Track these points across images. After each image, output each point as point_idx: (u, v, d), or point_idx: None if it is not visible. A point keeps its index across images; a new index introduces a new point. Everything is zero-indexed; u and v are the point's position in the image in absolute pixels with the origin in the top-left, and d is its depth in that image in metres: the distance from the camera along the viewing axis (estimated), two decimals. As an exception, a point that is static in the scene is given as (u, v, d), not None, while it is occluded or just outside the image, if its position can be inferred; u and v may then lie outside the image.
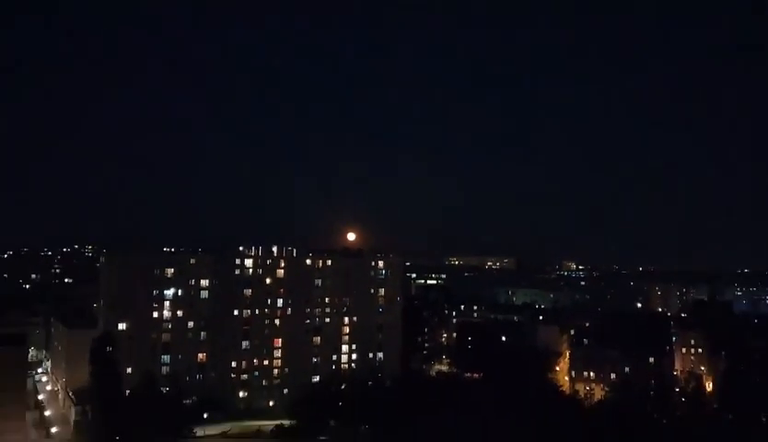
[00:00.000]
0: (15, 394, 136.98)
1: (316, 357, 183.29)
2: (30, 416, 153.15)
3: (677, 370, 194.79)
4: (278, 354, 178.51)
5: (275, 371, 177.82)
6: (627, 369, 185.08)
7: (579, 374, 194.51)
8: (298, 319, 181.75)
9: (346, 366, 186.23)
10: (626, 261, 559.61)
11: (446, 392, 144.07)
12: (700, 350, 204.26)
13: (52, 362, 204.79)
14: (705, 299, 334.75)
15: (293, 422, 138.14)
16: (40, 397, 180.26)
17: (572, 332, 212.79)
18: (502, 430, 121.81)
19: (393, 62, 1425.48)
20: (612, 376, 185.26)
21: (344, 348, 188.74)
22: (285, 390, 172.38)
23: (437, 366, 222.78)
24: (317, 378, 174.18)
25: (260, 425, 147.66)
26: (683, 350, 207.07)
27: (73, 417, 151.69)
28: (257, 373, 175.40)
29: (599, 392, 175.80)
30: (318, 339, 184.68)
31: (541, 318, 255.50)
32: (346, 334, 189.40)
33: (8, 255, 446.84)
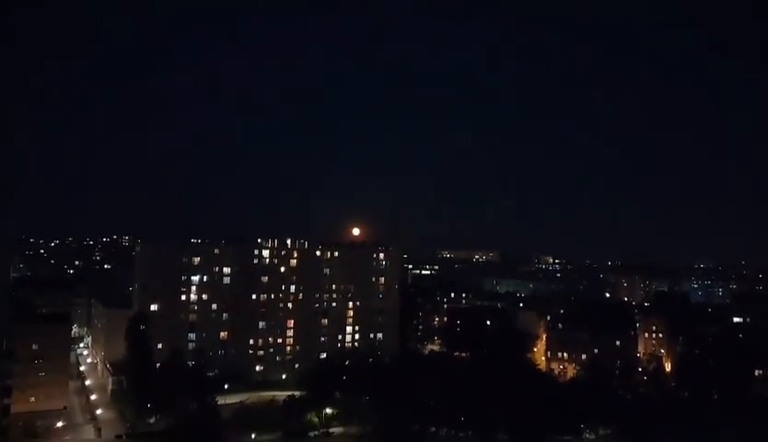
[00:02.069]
0: (59, 365, 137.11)
1: (324, 337, 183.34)
2: (73, 385, 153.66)
3: (640, 352, 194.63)
4: (290, 333, 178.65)
5: (288, 348, 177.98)
6: (596, 351, 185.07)
7: (554, 354, 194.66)
8: (309, 303, 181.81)
9: (350, 344, 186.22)
10: (597, 256, 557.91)
11: (437, 369, 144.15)
12: (660, 335, 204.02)
13: (92, 338, 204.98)
14: (666, 290, 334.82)
15: (303, 393, 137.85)
16: (82, 368, 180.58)
17: (548, 318, 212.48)
18: (485, 401, 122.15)
19: (383, 77, 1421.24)
20: (583, 356, 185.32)
21: (349, 329, 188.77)
22: (297, 365, 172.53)
23: (430, 346, 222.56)
24: (324, 355, 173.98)
25: (274, 396, 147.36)
26: (645, 335, 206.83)
27: (110, 386, 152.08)
28: (272, 350, 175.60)
29: (571, 371, 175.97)
30: (325, 320, 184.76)
31: (521, 305, 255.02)
32: (350, 317, 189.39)
33: (55, 244, 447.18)
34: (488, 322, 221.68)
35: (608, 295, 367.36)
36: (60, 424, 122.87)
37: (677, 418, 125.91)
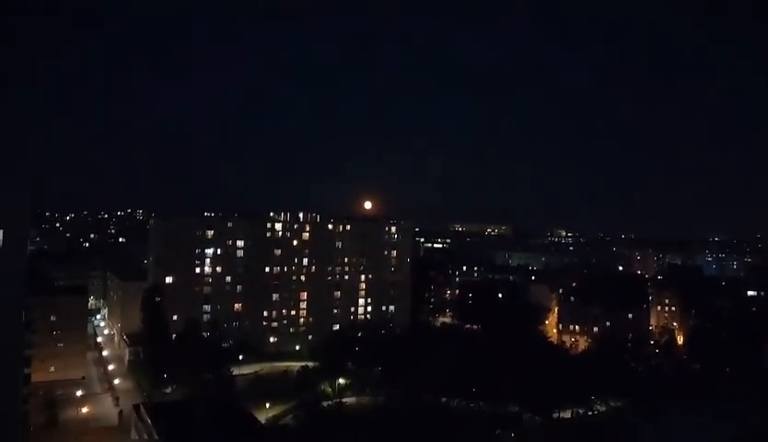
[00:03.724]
0: (77, 336, 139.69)
1: (336, 309, 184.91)
2: (90, 355, 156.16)
3: (652, 325, 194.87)
4: (303, 305, 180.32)
5: (301, 320, 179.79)
6: (608, 324, 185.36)
7: (566, 327, 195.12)
8: (321, 276, 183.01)
9: (362, 316, 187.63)
10: (610, 230, 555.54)
11: (449, 341, 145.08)
12: (673, 308, 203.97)
13: (108, 310, 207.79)
14: (679, 264, 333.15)
15: (316, 363, 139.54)
16: (99, 339, 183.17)
17: (560, 291, 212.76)
18: (497, 373, 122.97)
19: (388, 54, 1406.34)
20: (595, 329, 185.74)
21: (361, 301, 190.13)
22: (310, 337, 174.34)
23: (442, 319, 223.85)
24: (337, 327, 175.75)
25: (287, 366, 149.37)
26: (658, 308, 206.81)
27: (127, 357, 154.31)
28: (285, 321, 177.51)
29: (582, 343, 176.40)
30: (338, 293, 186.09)
31: (533, 278, 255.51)
32: (363, 290, 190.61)
33: (70, 217, 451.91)
34: (500, 295, 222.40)
35: (621, 268, 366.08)
36: (79, 393, 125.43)
37: (688, 391, 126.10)
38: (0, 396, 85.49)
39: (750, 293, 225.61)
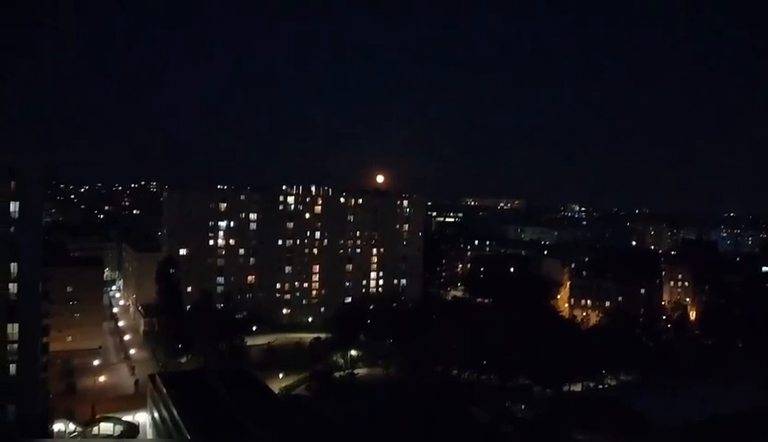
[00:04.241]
0: (93, 307, 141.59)
1: (348, 282, 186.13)
2: (107, 326, 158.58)
3: (664, 301, 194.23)
4: (316, 278, 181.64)
5: (314, 292, 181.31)
6: (620, 299, 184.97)
7: (577, 302, 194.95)
8: (333, 249, 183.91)
9: (374, 290, 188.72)
10: (624, 204, 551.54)
11: (460, 314, 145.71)
12: (686, 284, 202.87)
13: (123, 281, 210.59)
14: (694, 239, 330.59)
15: (328, 335, 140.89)
16: (114, 310, 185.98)
17: (572, 266, 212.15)
18: (507, 346, 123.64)
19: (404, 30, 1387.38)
20: (607, 304, 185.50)
21: (373, 275, 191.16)
22: (322, 309, 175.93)
23: (453, 292, 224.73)
24: (349, 299, 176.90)
25: (300, 338, 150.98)
26: (671, 283, 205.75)
27: (142, 327, 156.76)
28: (298, 294, 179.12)
29: (594, 318, 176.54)
30: (350, 266, 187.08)
31: (545, 252, 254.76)
32: (374, 263, 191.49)
33: (85, 189, 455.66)
34: (511, 270, 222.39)
35: (634, 243, 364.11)
36: (96, 362, 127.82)
37: (700, 366, 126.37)
38: (20, 364, 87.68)
39: (765, 269, 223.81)
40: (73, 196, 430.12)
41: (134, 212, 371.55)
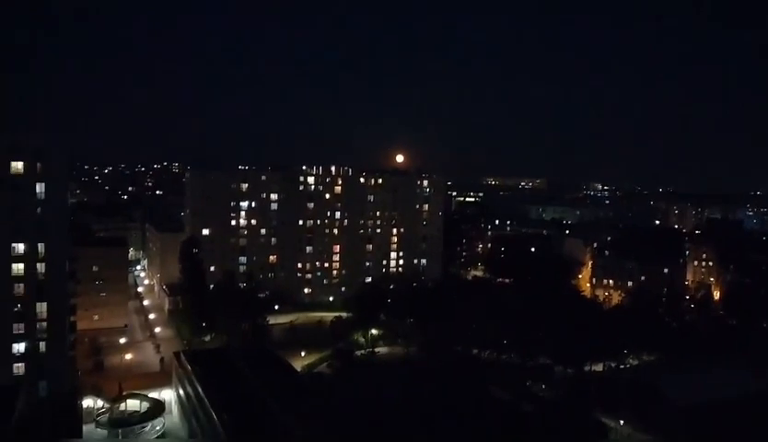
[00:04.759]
0: (118, 286, 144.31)
1: (369, 262, 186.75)
2: (132, 305, 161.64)
3: (688, 281, 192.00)
4: (336, 258, 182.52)
5: (334, 272, 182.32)
6: (643, 278, 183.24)
7: (599, 281, 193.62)
8: (354, 229, 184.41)
9: (394, 269, 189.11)
10: (647, 183, 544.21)
11: (480, 293, 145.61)
12: (710, 263, 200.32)
13: (147, 260, 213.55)
14: (719, 218, 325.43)
15: (349, 314, 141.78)
16: (139, 289, 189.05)
17: (594, 245, 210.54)
18: (528, 325, 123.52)
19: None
20: (629, 283, 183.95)
21: (393, 255, 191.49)
22: (343, 288, 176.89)
23: (473, 272, 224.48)
24: (369, 279, 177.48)
25: (321, 316, 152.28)
26: (695, 263, 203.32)
27: (166, 306, 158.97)
28: (319, 273, 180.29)
29: (616, 298, 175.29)
30: (370, 246, 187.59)
31: (567, 232, 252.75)
32: (394, 243, 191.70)
33: (109, 171, 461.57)
34: (532, 249, 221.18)
35: (657, 222, 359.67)
36: (122, 340, 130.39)
37: (723, 346, 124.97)
38: (50, 342, 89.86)
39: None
40: (97, 177, 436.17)
41: (157, 192, 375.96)
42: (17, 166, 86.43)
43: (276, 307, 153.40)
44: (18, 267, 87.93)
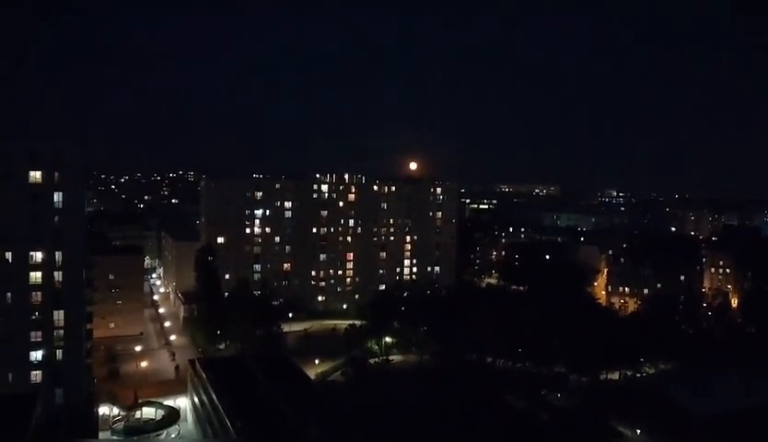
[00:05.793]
0: (134, 294, 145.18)
1: (382, 269, 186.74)
2: (147, 312, 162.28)
3: (705, 288, 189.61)
4: (350, 265, 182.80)
5: (348, 280, 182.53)
6: (659, 285, 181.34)
7: (615, 289, 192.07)
8: (367, 237, 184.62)
9: (408, 277, 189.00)
10: (663, 189, 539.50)
11: (494, 301, 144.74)
12: (727, 270, 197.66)
13: (163, 268, 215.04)
14: (736, 224, 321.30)
15: (363, 322, 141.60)
16: (155, 297, 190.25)
17: (610, 252, 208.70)
18: (543, 334, 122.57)
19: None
20: (645, 291, 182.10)
21: (406, 262, 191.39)
22: (356, 296, 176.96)
23: (487, 280, 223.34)
24: (383, 287, 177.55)
25: (335, 324, 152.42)
26: (712, 270, 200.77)
27: (182, 314, 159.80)
28: (333, 281, 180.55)
29: (632, 305, 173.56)
30: (383, 254, 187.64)
31: (582, 239, 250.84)
32: (408, 250, 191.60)
33: (125, 180, 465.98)
34: (547, 257, 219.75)
35: (673, 229, 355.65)
36: (138, 348, 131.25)
37: (741, 354, 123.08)
38: (66, 350, 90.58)
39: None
40: (113, 186, 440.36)
41: (173, 201, 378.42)
42: (36, 175, 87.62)
43: (290, 314, 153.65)
44: (36, 275, 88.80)
